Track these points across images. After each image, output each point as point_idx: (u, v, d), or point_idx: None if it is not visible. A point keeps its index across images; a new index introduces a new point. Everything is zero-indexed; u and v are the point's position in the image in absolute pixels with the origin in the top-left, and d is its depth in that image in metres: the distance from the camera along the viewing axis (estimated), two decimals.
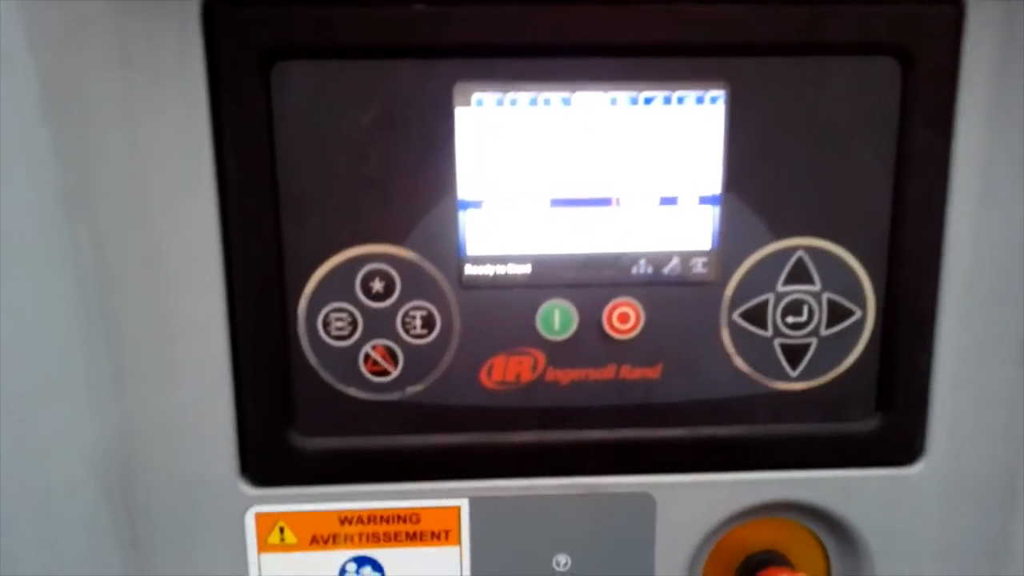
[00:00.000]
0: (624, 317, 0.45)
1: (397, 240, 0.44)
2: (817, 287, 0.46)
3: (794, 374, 0.46)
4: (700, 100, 0.43)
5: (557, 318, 0.45)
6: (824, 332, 0.46)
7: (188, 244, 0.42)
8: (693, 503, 0.47)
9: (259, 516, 0.46)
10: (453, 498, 0.46)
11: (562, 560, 0.48)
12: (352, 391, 0.45)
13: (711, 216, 0.45)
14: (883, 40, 0.43)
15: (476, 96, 0.42)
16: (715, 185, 0.44)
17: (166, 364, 0.43)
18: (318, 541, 0.46)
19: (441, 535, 0.47)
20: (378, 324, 0.44)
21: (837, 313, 0.46)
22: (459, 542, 0.47)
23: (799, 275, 0.45)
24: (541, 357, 0.45)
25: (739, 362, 0.46)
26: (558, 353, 0.45)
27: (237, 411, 0.44)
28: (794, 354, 0.46)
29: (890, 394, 0.46)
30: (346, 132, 0.42)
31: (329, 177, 0.42)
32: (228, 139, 0.41)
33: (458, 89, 0.42)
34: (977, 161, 0.44)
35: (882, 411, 0.47)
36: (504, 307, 0.45)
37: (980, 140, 0.43)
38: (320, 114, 0.42)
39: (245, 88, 0.41)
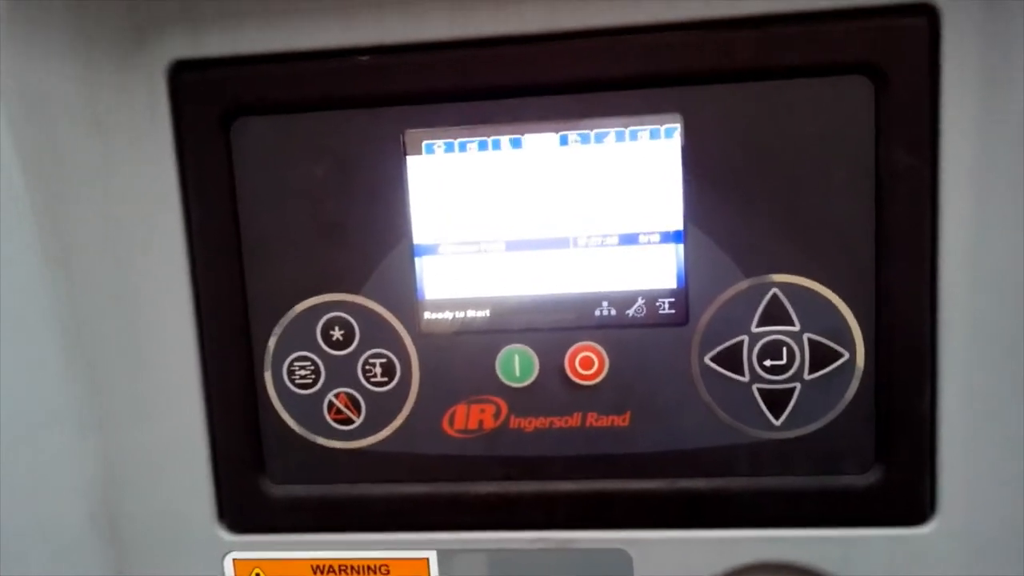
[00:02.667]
0: (587, 362, 0.43)
1: (354, 288, 0.44)
2: (796, 327, 0.42)
3: (777, 422, 0.43)
4: (655, 134, 0.42)
5: (517, 364, 0.44)
6: (808, 376, 0.42)
7: (160, 292, 0.44)
8: (673, 561, 0.44)
9: (236, 562, 0.46)
10: (422, 549, 0.45)
11: None
12: (318, 439, 0.45)
13: (675, 254, 0.43)
14: (851, 59, 0.40)
15: (426, 143, 0.43)
16: (677, 221, 0.42)
17: (144, 408, 0.45)
18: None
19: None
20: (340, 372, 0.45)
21: (822, 355, 0.42)
22: None
23: (775, 315, 0.42)
24: (503, 404, 0.44)
25: (715, 409, 0.43)
26: (520, 400, 0.44)
27: (213, 458, 0.45)
28: (776, 400, 0.43)
29: (889, 443, 0.42)
30: (302, 182, 0.43)
31: (288, 226, 0.44)
32: (192, 191, 0.43)
33: (408, 137, 0.43)
34: (967, 182, 0.40)
35: (882, 463, 0.42)
36: (464, 353, 0.44)
37: (969, 159, 0.40)
38: (278, 166, 0.43)
39: (207, 143, 0.43)
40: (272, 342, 0.45)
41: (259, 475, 0.46)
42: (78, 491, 0.45)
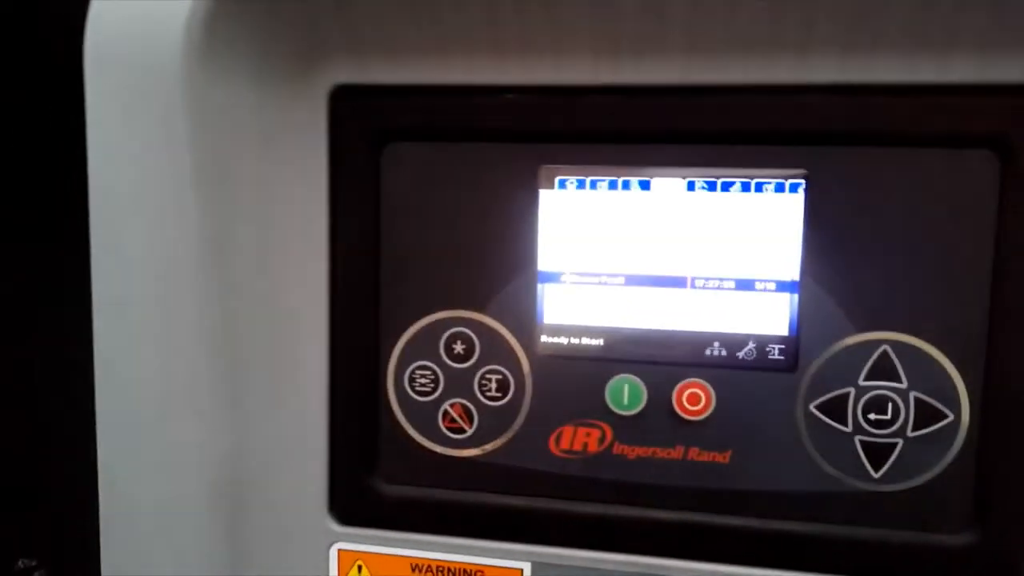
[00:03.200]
0: (694, 398, 0.45)
1: (479, 307, 0.47)
2: (903, 384, 0.43)
3: (876, 475, 0.44)
4: (779, 187, 0.44)
5: (627, 393, 0.46)
6: (911, 433, 0.44)
7: (300, 296, 0.48)
8: None
9: (341, 552, 0.49)
10: (517, 560, 0.48)
11: None
12: (430, 444, 0.48)
13: (789, 302, 0.44)
14: (980, 132, 0.42)
15: (559, 178, 0.46)
16: (793, 271, 0.44)
17: (273, 400, 0.48)
18: None
19: None
20: (457, 384, 0.48)
21: (926, 414, 0.43)
22: None
23: (883, 371, 0.44)
24: (608, 430, 0.46)
25: (815, 456, 0.45)
26: (626, 428, 0.46)
27: (330, 452, 0.49)
28: (877, 453, 0.44)
29: (988, 505, 0.43)
30: (442, 206, 0.47)
31: (424, 245, 0.47)
32: (341, 206, 0.47)
33: (543, 172, 0.46)
34: None
35: (980, 523, 0.43)
36: (575, 378, 0.47)
37: None
38: (421, 190, 0.47)
39: (359, 164, 0.47)
40: (397, 350, 0.48)
41: (371, 473, 0.49)
42: (205, 469, 0.48)
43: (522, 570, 0.48)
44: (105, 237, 0.45)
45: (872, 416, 0.44)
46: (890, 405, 0.44)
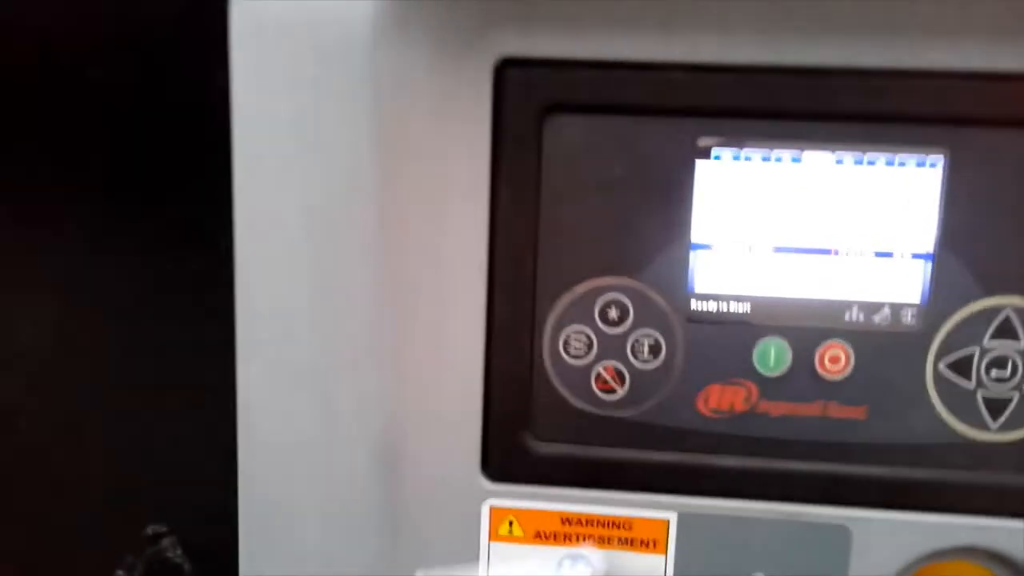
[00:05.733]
0: (835, 359, 0.49)
1: (634, 273, 0.49)
2: (1022, 344, 0.48)
3: (994, 426, 0.49)
4: (920, 164, 0.48)
5: (773, 355, 0.50)
6: None
7: (462, 262, 0.49)
8: (888, 539, 0.50)
9: (493, 509, 0.52)
10: (664, 511, 0.51)
11: None
12: (582, 405, 0.51)
13: (923, 271, 0.49)
14: None
15: (715, 151, 0.48)
16: (929, 243, 0.48)
17: (433, 361, 0.50)
18: (541, 536, 0.51)
19: (650, 543, 0.51)
20: (611, 347, 0.50)
21: None
22: (666, 551, 0.51)
23: (1006, 331, 0.48)
24: (755, 390, 0.50)
25: (941, 410, 0.49)
26: (771, 387, 0.50)
27: (484, 412, 0.50)
28: (996, 407, 0.49)
29: None
30: (601, 176, 0.49)
31: (582, 214, 0.49)
32: (504, 175, 0.48)
33: (700, 144, 0.48)
34: None
35: None
36: (724, 341, 0.50)
37: None
38: (580, 161, 0.49)
39: (523, 135, 0.48)
40: (553, 316, 0.50)
41: (524, 432, 0.51)
42: (369, 427, 0.50)
43: (669, 520, 0.51)
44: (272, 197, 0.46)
45: (994, 373, 0.49)
46: (1010, 362, 0.49)
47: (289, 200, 0.48)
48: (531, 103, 0.48)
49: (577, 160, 0.49)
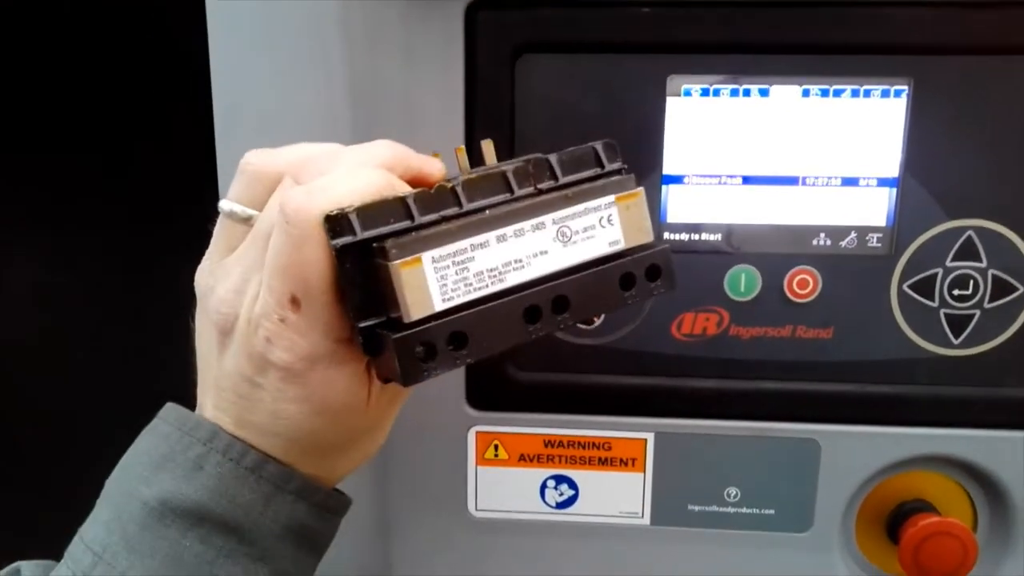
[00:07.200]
0: (803, 283, 0.51)
1: None
2: (983, 264, 0.50)
3: (956, 342, 0.52)
4: (885, 93, 0.49)
5: (743, 281, 0.52)
6: (987, 305, 0.51)
7: None
8: (855, 451, 0.53)
9: (479, 434, 0.55)
10: (641, 432, 0.54)
11: (732, 492, 0.54)
12: (561, 335, 0.53)
13: (888, 197, 0.50)
14: None
15: (685, 87, 0.49)
16: (894, 169, 0.50)
17: None
18: (525, 459, 0.55)
19: (629, 462, 0.54)
20: None
21: (1001, 288, 0.51)
22: (644, 469, 0.54)
23: (967, 252, 0.50)
24: (726, 315, 0.52)
25: (906, 328, 0.52)
26: (742, 312, 0.52)
27: None
28: (957, 324, 0.51)
29: None
30: (573, 114, 0.50)
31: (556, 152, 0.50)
32: (478, 116, 0.50)
33: (671, 81, 0.49)
34: None
35: None
36: (696, 269, 0.52)
37: None
38: (553, 99, 0.50)
39: (494, 75, 0.49)
40: None
41: (506, 362, 0.53)
42: None
43: (646, 440, 0.54)
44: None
45: (956, 292, 0.51)
46: (971, 282, 0.51)
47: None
48: (501, 43, 0.49)
49: (550, 99, 0.50)
